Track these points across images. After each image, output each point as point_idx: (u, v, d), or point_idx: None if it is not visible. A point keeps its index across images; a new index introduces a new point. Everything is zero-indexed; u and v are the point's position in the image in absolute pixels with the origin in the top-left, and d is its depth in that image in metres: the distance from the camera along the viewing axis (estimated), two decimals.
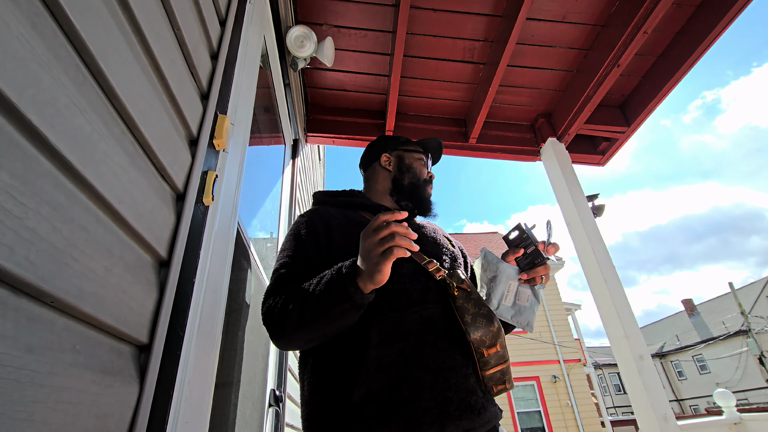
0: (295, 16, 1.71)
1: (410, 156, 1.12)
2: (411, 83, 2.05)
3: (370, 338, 0.76)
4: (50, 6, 0.39)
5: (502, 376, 0.81)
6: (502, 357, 0.79)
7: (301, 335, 0.74)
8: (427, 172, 1.13)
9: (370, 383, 0.72)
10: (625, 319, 1.70)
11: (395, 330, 0.78)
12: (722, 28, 1.64)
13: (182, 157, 0.65)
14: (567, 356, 10.94)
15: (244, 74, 0.96)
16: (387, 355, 0.75)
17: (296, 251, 0.86)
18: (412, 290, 0.83)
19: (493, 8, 1.72)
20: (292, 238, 0.90)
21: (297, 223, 0.95)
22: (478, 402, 0.76)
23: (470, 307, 0.79)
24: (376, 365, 0.74)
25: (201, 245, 0.66)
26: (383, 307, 0.79)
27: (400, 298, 0.81)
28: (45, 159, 0.37)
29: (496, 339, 0.77)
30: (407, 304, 0.81)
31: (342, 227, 0.90)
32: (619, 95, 2.18)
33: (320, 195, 1.06)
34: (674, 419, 1.53)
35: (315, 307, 0.71)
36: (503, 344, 0.78)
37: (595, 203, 2.09)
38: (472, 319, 0.78)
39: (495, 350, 0.77)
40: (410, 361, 0.75)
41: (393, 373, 0.73)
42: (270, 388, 1.47)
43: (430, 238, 0.99)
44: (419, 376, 0.73)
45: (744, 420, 3.07)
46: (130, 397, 0.47)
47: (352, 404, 0.72)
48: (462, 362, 0.78)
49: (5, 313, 0.32)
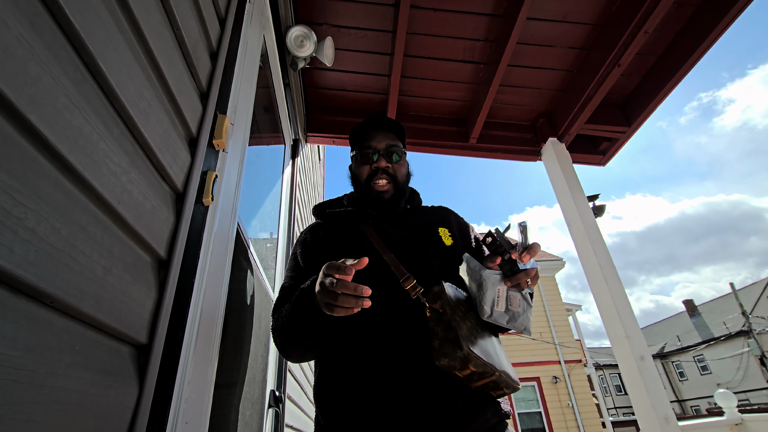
0: (295, 15, 1.70)
1: (353, 159, 1.05)
2: (411, 83, 2.05)
3: (346, 357, 0.81)
4: (50, 6, 0.39)
5: (496, 386, 0.77)
6: (484, 374, 0.74)
7: (292, 349, 0.84)
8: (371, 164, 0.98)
9: (347, 402, 0.77)
10: (626, 319, 1.70)
11: (369, 349, 0.79)
12: (723, 27, 1.63)
13: (182, 157, 0.65)
14: (568, 357, 10.93)
15: (244, 74, 0.95)
16: (362, 374, 0.78)
17: (291, 271, 0.96)
18: (389, 308, 0.81)
19: (494, 8, 1.72)
20: (291, 257, 1.01)
21: (296, 242, 1.03)
22: (461, 416, 0.73)
23: (439, 331, 0.75)
24: (351, 384, 0.78)
25: (201, 245, 0.66)
26: (360, 325, 0.81)
27: (376, 316, 0.80)
28: (44, 159, 0.37)
29: (466, 363, 0.71)
30: (383, 322, 0.80)
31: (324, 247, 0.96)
32: (619, 95, 2.18)
33: (315, 210, 1.09)
34: (675, 420, 1.53)
35: (291, 325, 0.80)
36: (480, 363, 0.72)
37: (595, 203, 2.09)
38: (440, 344, 0.74)
39: (469, 371, 0.72)
40: (387, 381, 0.76)
41: (367, 393, 0.76)
42: (270, 389, 1.46)
43: (419, 242, 0.93)
44: (396, 395, 0.74)
45: (745, 420, 3.07)
46: (129, 398, 0.47)
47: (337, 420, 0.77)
48: (441, 380, 0.75)
49: (5, 314, 0.32)
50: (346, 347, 0.82)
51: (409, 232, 0.95)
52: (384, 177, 0.97)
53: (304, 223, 2.63)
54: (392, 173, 0.98)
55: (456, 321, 0.75)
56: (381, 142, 1.00)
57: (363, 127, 1.03)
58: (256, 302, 1.36)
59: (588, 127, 2.17)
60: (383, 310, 0.81)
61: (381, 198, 0.97)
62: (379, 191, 0.97)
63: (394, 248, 0.89)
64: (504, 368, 0.77)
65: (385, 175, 0.97)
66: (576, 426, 10.13)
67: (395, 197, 0.98)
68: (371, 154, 0.99)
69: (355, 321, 0.79)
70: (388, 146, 0.99)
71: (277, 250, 1.76)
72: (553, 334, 11.21)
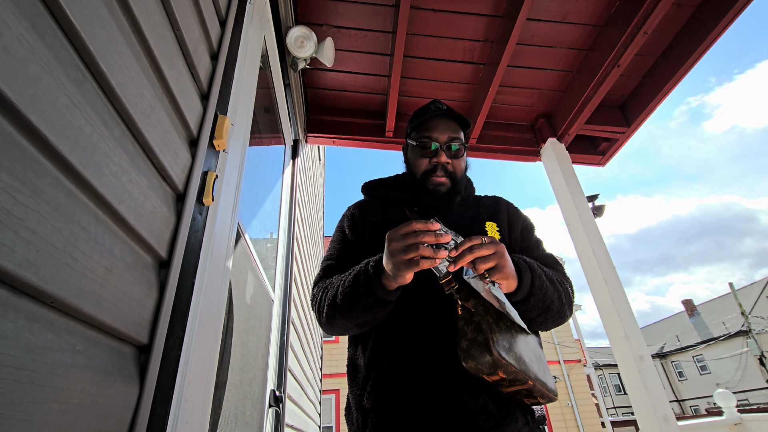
0: (295, 16, 1.71)
1: (411, 147, 0.98)
2: (411, 83, 2.05)
3: (381, 349, 0.80)
4: (50, 6, 0.39)
5: (529, 394, 0.73)
6: (515, 381, 0.70)
7: (337, 323, 0.82)
8: (430, 157, 0.93)
9: (377, 394, 0.76)
10: (626, 319, 1.70)
11: (402, 343, 0.78)
12: (722, 28, 1.64)
13: (182, 158, 0.65)
14: (567, 356, 10.94)
15: (244, 74, 0.96)
16: (393, 368, 0.77)
17: (338, 243, 0.97)
18: (425, 302, 0.80)
19: (494, 8, 1.72)
20: (337, 231, 1.01)
21: (343, 216, 1.04)
22: (489, 422, 0.70)
23: (468, 332, 0.71)
24: (382, 378, 0.77)
25: (201, 245, 0.66)
26: (394, 318, 0.80)
27: (412, 309, 0.79)
28: (45, 159, 0.37)
29: (495, 368, 0.67)
30: (418, 316, 0.79)
31: (374, 226, 0.95)
32: (619, 95, 2.18)
33: (364, 188, 1.09)
34: (674, 420, 1.53)
35: (345, 300, 0.77)
36: (510, 371, 0.68)
37: (595, 203, 2.09)
38: (468, 345, 0.70)
39: (498, 377, 0.68)
40: (415, 376, 0.74)
41: (398, 387, 0.75)
42: (270, 389, 1.46)
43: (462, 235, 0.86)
44: (424, 392, 0.73)
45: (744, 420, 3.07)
46: (130, 398, 0.47)
47: (364, 410, 0.78)
48: (471, 381, 0.72)
49: (5, 314, 0.32)
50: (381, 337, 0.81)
51: (454, 224, 0.90)
52: (442, 174, 0.91)
53: (304, 223, 2.63)
54: (451, 170, 0.92)
55: (488, 322, 0.70)
56: (443, 134, 0.92)
57: (425, 113, 0.95)
58: (257, 302, 1.36)
59: (587, 128, 2.17)
60: (419, 304, 0.80)
61: (437, 192, 0.92)
62: (436, 183, 0.92)
63: None
64: (539, 377, 0.73)
65: (443, 171, 0.92)
66: (575, 426, 10.14)
67: (451, 192, 0.93)
68: (430, 146, 0.92)
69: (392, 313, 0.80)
70: (450, 139, 0.92)
71: (277, 250, 1.76)
72: (553, 334, 11.22)
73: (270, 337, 1.54)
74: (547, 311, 0.79)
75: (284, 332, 1.64)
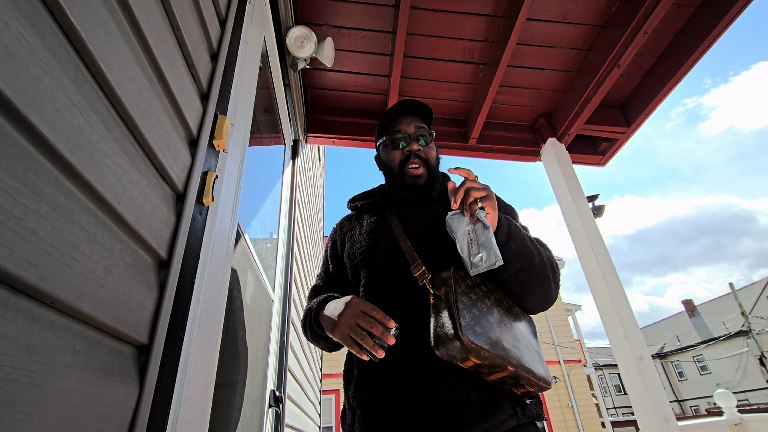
0: (295, 16, 1.71)
1: (382, 148, 1.03)
2: (411, 83, 2.05)
3: None
4: (50, 6, 0.39)
5: (515, 382, 0.71)
6: (494, 367, 0.69)
7: (316, 345, 0.96)
8: (402, 148, 0.98)
9: (361, 392, 0.80)
10: (626, 319, 1.70)
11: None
12: (722, 28, 1.64)
13: (182, 158, 0.65)
14: (567, 357, 10.93)
15: (244, 75, 0.96)
16: (374, 364, 0.79)
17: (323, 264, 1.06)
18: (399, 297, 0.82)
19: (493, 9, 1.72)
20: (323, 253, 1.10)
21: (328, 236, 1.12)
22: (470, 411, 0.69)
23: (439, 319, 0.72)
24: (365, 375, 0.81)
25: (201, 246, 0.66)
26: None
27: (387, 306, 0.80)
28: (45, 159, 0.37)
29: (466, 353, 0.66)
30: (392, 311, 0.79)
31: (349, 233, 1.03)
32: (619, 95, 2.18)
33: (348, 203, 1.14)
34: (675, 420, 1.53)
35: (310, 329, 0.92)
36: (485, 355, 0.67)
37: (595, 203, 2.09)
38: (438, 332, 0.70)
39: (473, 363, 0.68)
40: (395, 370, 0.76)
41: (381, 382, 0.78)
42: (270, 389, 1.46)
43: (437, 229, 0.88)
44: (403, 385, 0.74)
45: (744, 421, 3.07)
46: (129, 398, 0.47)
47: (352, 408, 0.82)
48: (448, 370, 0.72)
49: (5, 314, 0.32)
50: None
51: (432, 219, 0.92)
52: (416, 161, 0.96)
53: (304, 223, 2.63)
54: (424, 157, 0.97)
55: (458, 308, 0.70)
56: (409, 125, 0.99)
57: (389, 114, 1.01)
58: (257, 302, 1.36)
59: (587, 128, 2.17)
60: (394, 299, 0.82)
61: (417, 183, 0.96)
62: (414, 175, 0.95)
63: (412, 236, 0.90)
64: (523, 363, 0.71)
65: (417, 159, 0.96)
66: (576, 426, 10.14)
67: (429, 181, 0.97)
68: (401, 139, 0.98)
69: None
70: (416, 128, 0.99)
71: (277, 250, 1.76)
72: (553, 334, 11.22)
73: (270, 337, 1.54)
74: (529, 268, 0.78)
75: (284, 332, 1.64)
